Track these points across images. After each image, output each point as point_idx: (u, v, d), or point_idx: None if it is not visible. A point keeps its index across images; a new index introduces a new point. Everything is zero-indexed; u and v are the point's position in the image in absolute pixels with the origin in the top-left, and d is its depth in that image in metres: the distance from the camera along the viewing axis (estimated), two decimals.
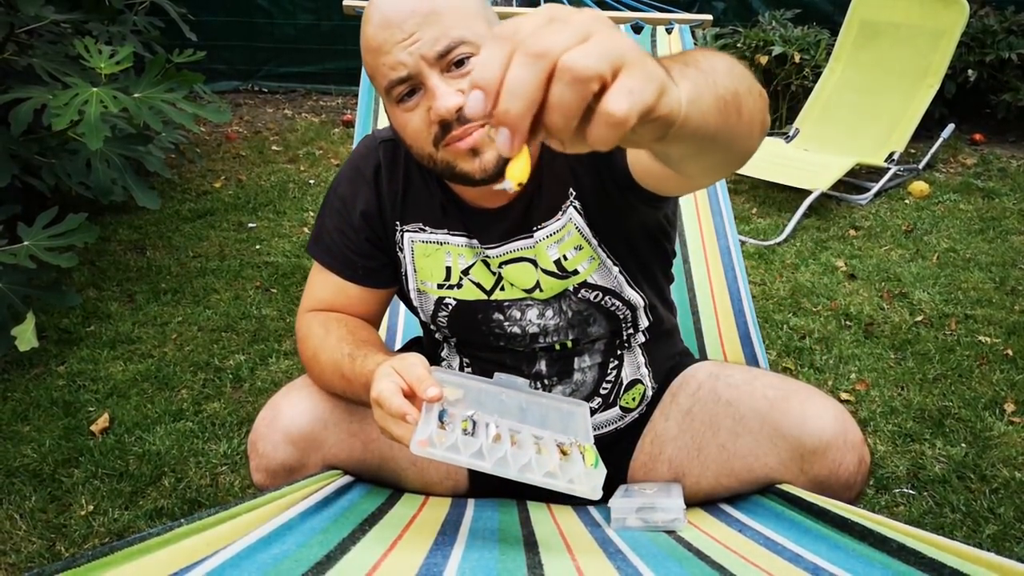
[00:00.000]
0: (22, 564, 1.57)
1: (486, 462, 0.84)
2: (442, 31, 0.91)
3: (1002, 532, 1.60)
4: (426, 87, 0.93)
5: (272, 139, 4.56)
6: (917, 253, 2.97)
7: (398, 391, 0.88)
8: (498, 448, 0.85)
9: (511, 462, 0.84)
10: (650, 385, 1.20)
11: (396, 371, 0.90)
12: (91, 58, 2.43)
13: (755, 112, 0.75)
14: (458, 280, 1.12)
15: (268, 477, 1.06)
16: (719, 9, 4.81)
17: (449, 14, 0.92)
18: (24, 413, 2.07)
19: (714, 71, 0.67)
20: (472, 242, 1.10)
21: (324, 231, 1.15)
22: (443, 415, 0.88)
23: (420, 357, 0.93)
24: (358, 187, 1.13)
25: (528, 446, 0.86)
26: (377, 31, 0.92)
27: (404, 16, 0.91)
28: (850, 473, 1.00)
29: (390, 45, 0.92)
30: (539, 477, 0.84)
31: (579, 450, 0.87)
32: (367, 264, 1.15)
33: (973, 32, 4.09)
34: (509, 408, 0.92)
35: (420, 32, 0.91)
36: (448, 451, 0.84)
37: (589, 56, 0.47)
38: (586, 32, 0.49)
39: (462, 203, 1.09)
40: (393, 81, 0.93)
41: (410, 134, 0.97)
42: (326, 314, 1.15)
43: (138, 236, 3.19)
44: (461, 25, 0.92)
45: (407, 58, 0.91)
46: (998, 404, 2.03)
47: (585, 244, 1.08)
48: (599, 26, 0.50)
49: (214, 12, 5.15)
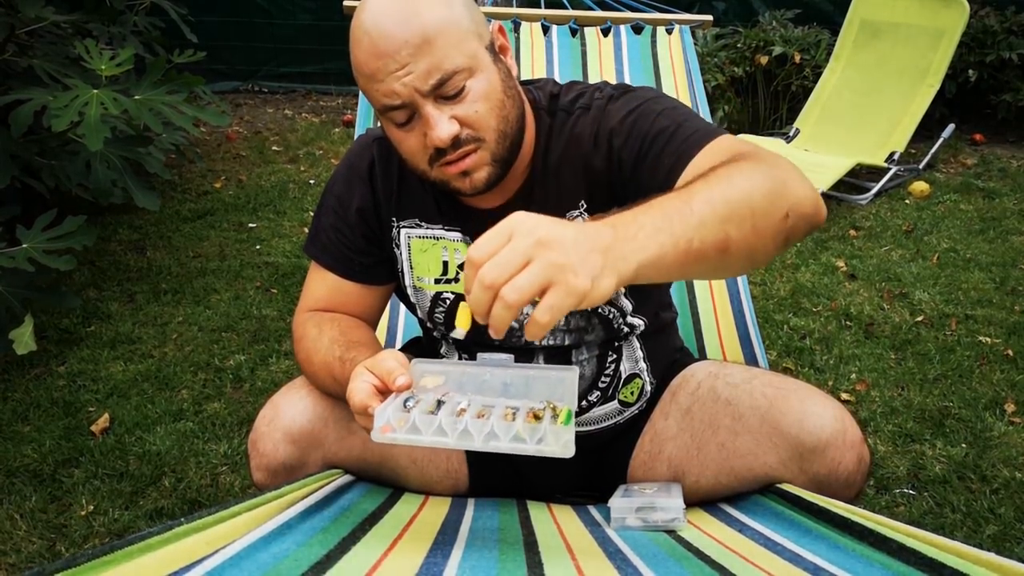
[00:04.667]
0: (22, 564, 1.57)
1: (448, 438, 0.81)
2: (435, 63, 0.90)
3: (1002, 532, 1.60)
4: (421, 114, 0.93)
5: (272, 139, 4.56)
6: (917, 253, 2.97)
7: (369, 389, 0.88)
8: (459, 422, 0.82)
9: (474, 433, 0.81)
10: (648, 380, 1.20)
11: (367, 369, 0.91)
12: (92, 60, 2.42)
13: (771, 230, 0.80)
14: (455, 275, 1.12)
15: (268, 476, 1.06)
16: (719, 9, 4.81)
17: (440, 41, 0.90)
18: (24, 413, 2.07)
19: (712, 212, 0.75)
20: (467, 238, 1.11)
21: (321, 230, 1.15)
22: (409, 400, 0.86)
23: (394, 352, 0.93)
24: (353, 184, 1.13)
25: (496, 417, 0.83)
26: (369, 59, 0.92)
27: (396, 46, 0.90)
28: (850, 472, 0.99)
29: (383, 74, 0.91)
30: (505, 444, 0.80)
31: (552, 411, 0.84)
32: (364, 261, 1.15)
33: (973, 32, 4.08)
34: (491, 386, 0.90)
35: (413, 63, 0.90)
36: (409, 433, 0.82)
37: (520, 289, 0.67)
38: (528, 257, 0.67)
39: (456, 201, 1.10)
40: (388, 106, 0.94)
41: (405, 151, 0.99)
42: (320, 314, 1.15)
43: (138, 236, 3.19)
44: (454, 52, 0.91)
45: (401, 88, 0.91)
46: (998, 404, 2.03)
47: None
48: (539, 250, 0.67)
49: (214, 12, 5.15)
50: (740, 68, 4.17)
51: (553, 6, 2.35)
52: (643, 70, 2.05)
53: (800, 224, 0.83)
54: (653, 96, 1.05)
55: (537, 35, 2.10)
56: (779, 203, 0.80)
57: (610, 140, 1.03)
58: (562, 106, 1.08)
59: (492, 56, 0.98)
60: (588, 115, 1.06)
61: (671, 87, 2.03)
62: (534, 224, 0.69)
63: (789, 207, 0.81)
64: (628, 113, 1.03)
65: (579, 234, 0.69)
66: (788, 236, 0.83)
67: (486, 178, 0.99)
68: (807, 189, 0.85)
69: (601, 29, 2.12)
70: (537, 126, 1.08)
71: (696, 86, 1.98)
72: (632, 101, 1.04)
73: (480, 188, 0.99)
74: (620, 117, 1.03)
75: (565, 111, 1.08)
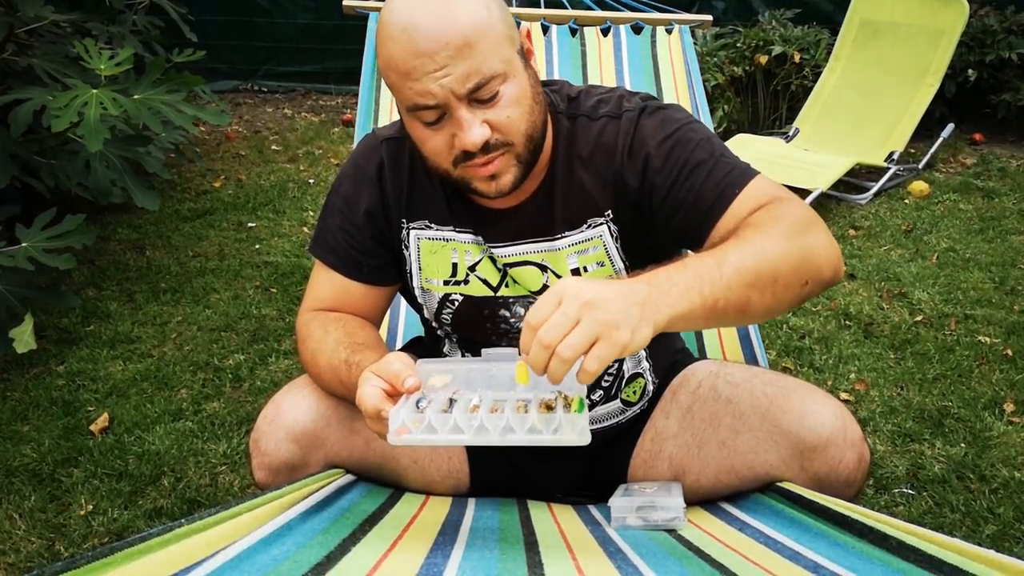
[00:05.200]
0: (21, 564, 1.57)
1: (465, 435, 0.82)
2: (473, 67, 0.90)
3: (1001, 532, 1.60)
4: (453, 116, 0.93)
5: (272, 139, 4.56)
6: (917, 253, 2.97)
7: (379, 393, 0.89)
8: (474, 418, 0.83)
9: (490, 428, 0.82)
10: (651, 380, 1.20)
11: (374, 373, 0.91)
12: (91, 59, 2.42)
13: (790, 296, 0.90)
14: (464, 276, 1.12)
15: (270, 475, 1.06)
16: (719, 9, 4.81)
17: (480, 44, 0.90)
18: (23, 413, 2.07)
19: (739, 279, 0.84)
20: (478, 239, 1.10)
21: (327, 230, 1.15)
22: (421, 400, 0.86)
23: (400, 354, 0.93)
24: (361, 186, 1.13)
25: (510, 411, 0.84)
26: (406, 56, 0.90)
27: (436, 47, 0.89)
28: (850, 470, 1.00)
29: (420, 73, 0.90)
30: (522, 436, 0.81)
31: (563, 401, 0.85)
32: (371, 262, 1.14)
33: (973, 32, 4.08)
34: (500, 381, 0.91)
35: (452, 66, 0.89)
36: (424, 433, 0.82)
37: (573, 347, 0.76)
38: (577, 318, 0.76)
39: (468, 201, 1.09)
40: (419, 105, 0.93)
41: (429, 150, 0.98)
42: (325, 314, 1.14)
43: (137, 235, 3.19)
44: (492, 57, 0.91)
45: (437, 90, 0.90)
46: (997, 404, 2.03)
47: (608, 263, 1.09)
48: (586, 311, 0.76)
49: (214, 12, 5.14)
50: (740, 68, 4.16)
51: (553, 6, 2.35)
52: (643, 70, 2.05)
53: (817, 289, 0.93)
54: (687, 121, 1.05)
55: (537, 35, 2.10)
56: (802, 274, 0.90)
57: (646, 161, 1.03)
58: (584, 111, 1.08)
59: (523, 61, 0.98)
60: (617, 125, 1.05)
61: (671, 87, 2.03)
62: (580, 288, 0.78)
63: (810, 276, 0.91)
64: (666, 138, 1.03)
65: (619, 292, 0.79)
66: (805, 298, 0.94)
67: (512, 181, 0.99)
68: (830, 254, 0.94)
69: (601, 29, 2.12)
70: (555, 129, 1.08)
71: (696, 86, 1.98)
72: (668, 124, 1.04)
73: (505, 191, 1.00)
74: (658, 140, 1.03)
75: (587, 116, 1.07)
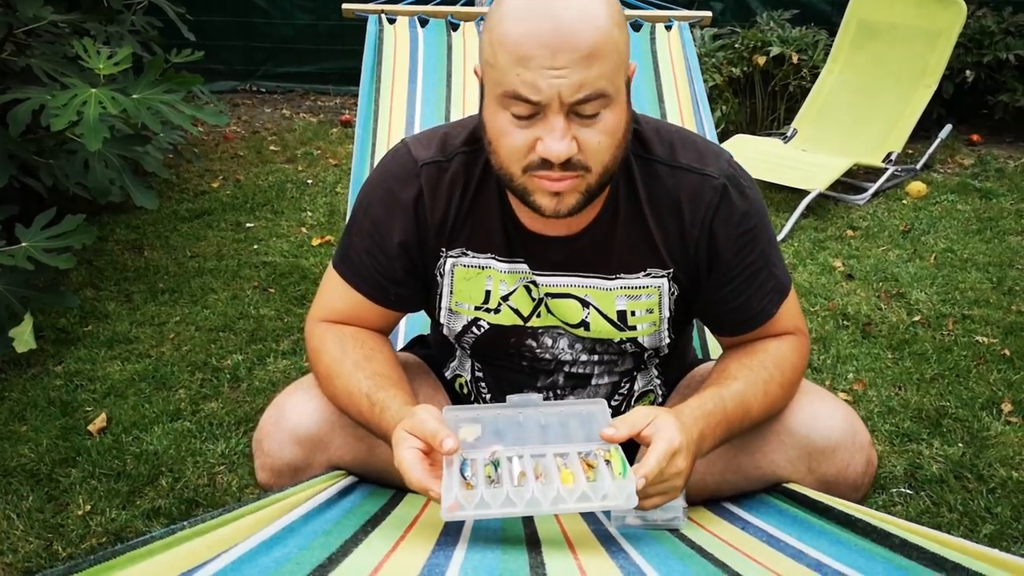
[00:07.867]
0: (19, 564, 1.57)
1: (517, 507, 0.84)
2: (589, 79, 0.86)
3: (999, 532, 1.61)
4: (546, 119, 0.89)
5: (270, 139, 4.56)
6: (915, 253, 2.98)
7: (417, 458, 0.88)
8: (524, 490, 0.84)
9: (541, 500, 0.84)
10: (661, 394, 1.21)
11: (410, 433, 0.90)
12: (90, 59, 2.42)
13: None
14: (496, 305, 1.09)
15: (273, 476, 1.06)
16: (717, 9, 4.81)
17: (603, 60, 0.87)
18: (21, 413, 2.07)
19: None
20: (519, 267, 1.07)
21: (353, 251, 1.11)
22: (464, 467, 0.88)
23: (429, 408, 0.93)
24: (394, 215, 1.07)
25: (553, 472, 0.87)
26: (529, 42, 0.86)
27: (563, 47, 0.85)
28: (858, 474, 1.00)
29: (536, 65, 0.86)
30: (573, 505, 0.84)
31: (604, 459, 0.88)
32: (400, 292, 1.11)
33: (971, 33, 4.09)
34: (529, 430, 0.93)
35: (571, 69, 0.85)
36: (478, 509, 0.84)
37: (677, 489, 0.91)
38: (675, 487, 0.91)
39: (519, 224, 1.06)
40: (519, 95, 0.88)
41: (504, 145, 0.93)
42: (341, 329, 1.11)
43: (136, 236, 3.19)
44: (608, 76, 0.88)
45: (545, 87, 0.86)
46: (995, 404, 2.04)
47: (656, 312, 1.08)
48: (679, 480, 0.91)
49: (212, 12, 5.13)
50: (738, 68, 4.17)
51: None
52: (642, 68, 2.05)
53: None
54: (762, 215, 1.06)
55: None
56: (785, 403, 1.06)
57: (718, 245, 1.03)
58: (656, 156, 1.04)
59: (627, 93, 0.95)
60: (699, 185, 1.03)
61: (671, 85, 2.03)
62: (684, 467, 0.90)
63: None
64: (744, 232, 1.04)
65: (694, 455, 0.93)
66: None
67: (574, 205, 0.95)
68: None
69: None
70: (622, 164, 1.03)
71: (696, 83, 1.98)
72: (749, 217, 1.04)
73: (563, 213, 0.95)
74: (736, 231, 1.04)
75: (662, 163, 1.04)
